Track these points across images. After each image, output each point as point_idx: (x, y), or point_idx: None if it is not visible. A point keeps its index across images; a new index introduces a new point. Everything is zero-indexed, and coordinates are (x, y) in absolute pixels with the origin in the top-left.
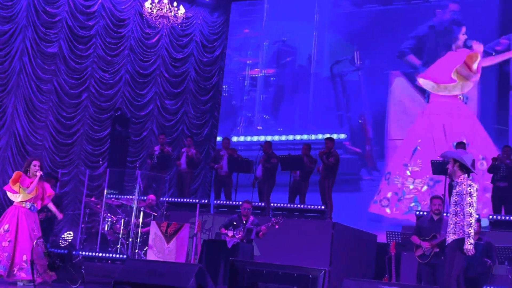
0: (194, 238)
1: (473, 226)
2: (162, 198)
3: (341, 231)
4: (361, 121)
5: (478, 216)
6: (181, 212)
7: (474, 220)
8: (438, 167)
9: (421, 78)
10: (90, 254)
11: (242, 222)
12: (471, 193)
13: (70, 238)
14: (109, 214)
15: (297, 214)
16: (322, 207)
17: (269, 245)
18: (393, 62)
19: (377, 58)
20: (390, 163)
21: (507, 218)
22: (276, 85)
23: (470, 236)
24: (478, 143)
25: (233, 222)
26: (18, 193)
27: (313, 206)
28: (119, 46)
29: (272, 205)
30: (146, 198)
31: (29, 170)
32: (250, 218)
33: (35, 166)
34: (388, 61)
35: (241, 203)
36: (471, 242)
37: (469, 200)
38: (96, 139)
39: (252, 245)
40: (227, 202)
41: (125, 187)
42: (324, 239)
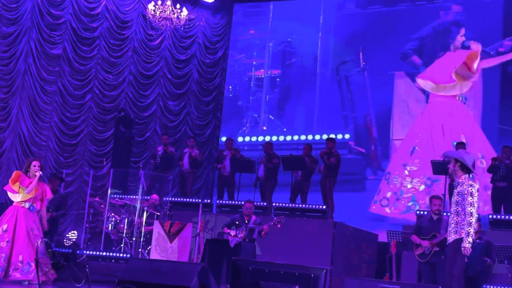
0: (197, 237)
1: (473, 226)
2: (165, 198)
3: (342, 231)
4: (367, 121)
5: (478, 215)
6: (184, 211)
7: (474, 219)
8: (438, 167)
9: (420, 79)
10: (94, 253)
11: (244, 222)
12: (472, 193)
13: (74, 238)
14: (112, 214)
15: (298, 213)
16: (324, 207)
17: (271, 244)
18: (397, 63)
19: (381, 59)
20: (390, 163)
21: (507, 218)
22: (281, 85)
23: (469, 235)
24: (476, 143)
25: (235, 222)
26: (17, 192)
27: (314, 206)
28: (123, 47)
29: (274, 204)
30: (149, 198)
31: (29, 170)
32: (252, 218)
33: (35, 166)
34: (392, 62)
35: (243, 203)
36: (469, 241)
37: (470, 199)
38: (100, 140)
39: (254, 244)
40: (230, 202)
41: (128, 187)
42: (325, 239)
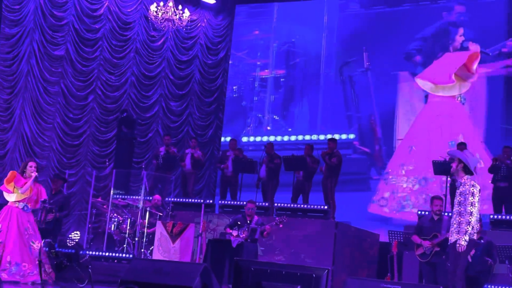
0: (199, 237)
1: (472, 225)
2: (167, 198)
3: (343, 231)
4: (372, 121)
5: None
6: (186, 212)
7: (474, 219)
8: (439, 167)
9: (419, 79)
10: (97, 253)
11: (246, 222)
12: (474, 193)
13: (77, 238)
14: (115, 214)
15: (300, 214)
16: (325, 207)
17: (273, 244)
18: (401, 63)
19: (385, 59)
20: (389, 163)
21: (508, 218)
22: (285, 86)
23: (466, 233)
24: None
25: (237, 222)
26: (12, 192)
27: (316, 206)
28: (125, 48)
29: (276, 205)
30: (151, 198)
31: (25, 171)
32: (254, 218)
33: (31, 167)
34: (396, 62)
35: (245, 203)
36: (466, 239)
37: (471, 199)
38: (102, 141)
39: (256, 244)
40: (232, 202)
41: (131, 188)
42: (327, 239)
